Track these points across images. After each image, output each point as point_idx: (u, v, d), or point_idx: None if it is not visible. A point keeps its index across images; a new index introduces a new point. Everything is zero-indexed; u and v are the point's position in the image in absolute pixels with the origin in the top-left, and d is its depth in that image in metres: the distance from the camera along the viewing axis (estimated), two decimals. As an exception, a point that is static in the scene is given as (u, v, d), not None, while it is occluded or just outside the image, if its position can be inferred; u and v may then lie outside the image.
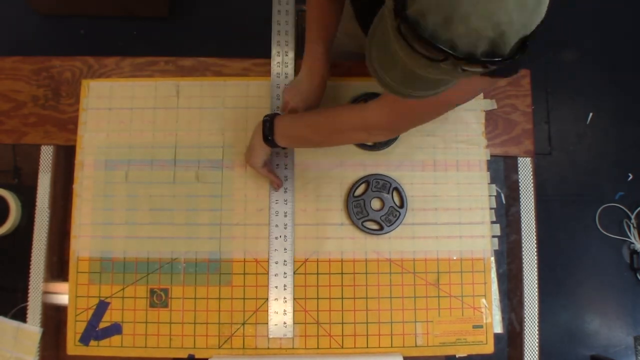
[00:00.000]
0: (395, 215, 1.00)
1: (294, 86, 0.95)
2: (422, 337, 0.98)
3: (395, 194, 1.01)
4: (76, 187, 1.02)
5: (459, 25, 0.46)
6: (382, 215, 1.00)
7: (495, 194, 1.04)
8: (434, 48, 0.47)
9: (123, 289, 0.99)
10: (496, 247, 1.01)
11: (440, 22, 0.46)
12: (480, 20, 0.45)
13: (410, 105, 0.73)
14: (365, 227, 1.00)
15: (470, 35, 0.46)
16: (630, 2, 2.03)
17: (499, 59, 0.48)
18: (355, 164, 1.03)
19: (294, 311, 0.98)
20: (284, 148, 0.96)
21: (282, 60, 1.04)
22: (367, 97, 1.03)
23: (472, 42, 0.47)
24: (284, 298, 0.98)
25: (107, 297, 0.98)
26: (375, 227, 1.00)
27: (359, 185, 1.01)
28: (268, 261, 0.99)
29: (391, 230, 0.99)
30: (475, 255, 1.01)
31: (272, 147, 0.92)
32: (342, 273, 1.00)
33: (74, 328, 0.97)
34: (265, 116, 0.91)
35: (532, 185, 1.06)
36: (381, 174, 1.01)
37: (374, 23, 0.58)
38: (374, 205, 1.01)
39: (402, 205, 1.01)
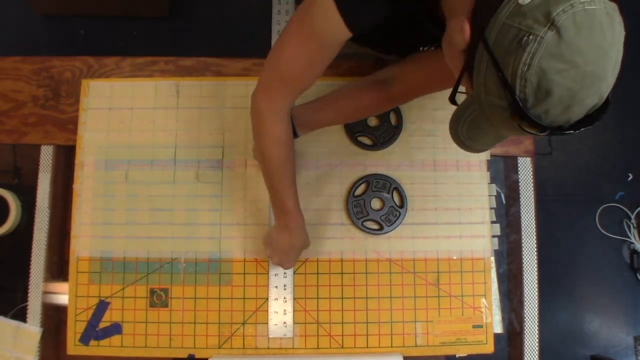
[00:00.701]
0: (395, 215, 1.00)
1: (279, 248, 0.90)
2: (422, 337, 0.98)
3: (395, 193, 1.01)
4: (76, 187, 1.02)
5: (575, 108, 0.48)
6: (382, 215, 1.00)
7: (495, 194, 1.04)
8: (549, 129, 0.49)
9: (123, 288, 0.98)
10: (496, 247, 1.01)
11: (560, 112, 0.48)
12: (592, 98, 0.48)
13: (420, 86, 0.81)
14: (365, 227, 1.00)
15: (582, 112, 0.49)
16: (630, 2, 2.03)
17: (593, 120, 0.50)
18: (356, 163, 1.03)
19: (294, 311, 0.98)
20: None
21: None
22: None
23: (582, 113, 0.49)
24: (284, 298, 0.98)
25: (107, 297, 0.98)
26: (375, 227, 1.00)
27: (359, 185, 1.01)
28: (268, 261, 0.99)
29: (391, 230, 0.99)
30: (475, 255, 1.01)
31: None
32: (342, 273, 1.00)
33: (74, 328, 0.97)
34: None
35: (532, 185, 1.05)
36: (381, 174, 1.01)
37: (463, 105, 0.58)
38: (374, 205, 1.01)
39: (402, 205, 1.01)
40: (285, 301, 0.98)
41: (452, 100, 0.59)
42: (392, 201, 1.01)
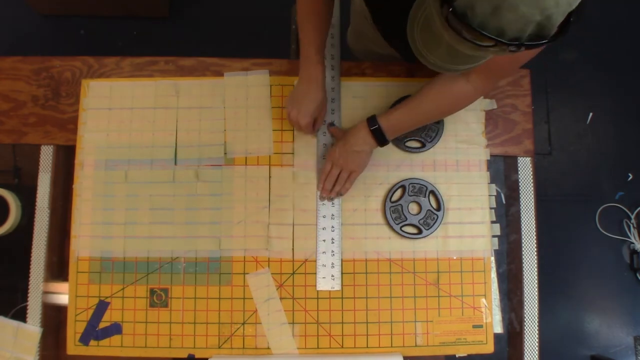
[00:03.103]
0: (433, 218, 1.00)
1: (295, 99, 0.95)
2: (422, 337, 0.98)
3: (431, 197, 1.01)
4: (76, 187, 1.02)
5: (507, 13, 0.47)
6: (421, 219, 1.00)
7: (495, 193, 1.04)
8: (482, 36, 0.49)
9: (123, 288, 0.99)
10: (496, 247, 1.01)
11: (489, 12, 0.47)
12: (528, 7, 0.46)
13: (501, 67, 0.81)
14: (404, 231, 1.00)
15: (518, 22, 0.47)
16: (630, 2, 2.03)
17: (545, 40, 0.49)
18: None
19: (342, 263, 0.99)
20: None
21: None
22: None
23: (520, 27, 0.48)
24: (332, 251, 0.99)
25: (107, 297, 0.98)
26: (414, 231, 1.01)
27: (395, 190, 1.01)
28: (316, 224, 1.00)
29: (430, 233, 1.00)
30: (475, 255, 1.01)
31: (383, 145, 0.94)
32: (342, 273, 1.00)
33: (74, 328, 0.97)
34: (369, 121, 0.92)
35: (532, 185, 1.05)
36: (417, 178, 1.01)
37: (415, 5, 0.59)
38: (412, 209, 1.01)
39: (439, 208, 1.01)
40: (333, 254, 0.98)
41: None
42: (429, 205, 1.01)
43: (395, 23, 0.82)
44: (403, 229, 1.00)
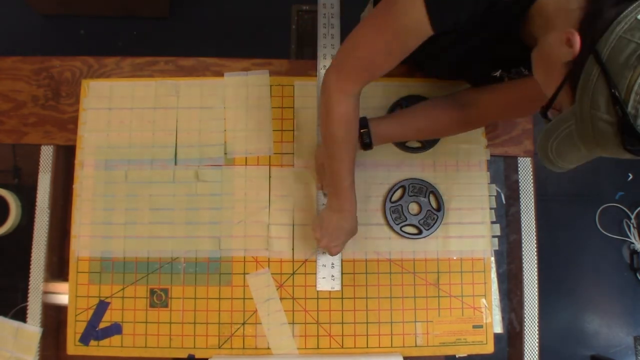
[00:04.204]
0: (434, 218, 1.00)
1: (327, 228, 0.89)
2: (422, 337, 0.98)
3: (431, 197, 1.01)
4: (76, 187, 1.02)
5: None
6: (421, 219, 1.00)
7: (495, 194, 1.04)
8: None
9: (123, 289, 0.99)
10: (496, 247, 1.01)
11: None
12: None
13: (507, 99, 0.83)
14: (404, 232, 1.00)
15: None
16: (630, 2, 2.03)
17: None
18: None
19: (341, 263, 0.99)
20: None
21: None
22: (404, 101, 1.03)
23: None
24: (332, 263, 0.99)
25: (107, 297, 0.98)
26: (414, 231, 1.01)
27: (395, 191, 1.01)
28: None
29: (430, 234, 1.00)
30: (475, 255, 1.01)
31: (366, 149, 0.93)
32: (342, 273, 1.00)
33: (74, 328, 0.97)
34: (360, 120, 0.89)
35: (532, 185, 1.05)
36: (417, 178, 1.02)
37: (557, 120, 0.57)
38: (412, 209, 1.01)
39: (439, 209, 1.01)
40: (333, 266, 0.98)
41: (544, 114, 0.59)
42: (429, 205, 1.01)
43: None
44: (403, 229, 1.00)
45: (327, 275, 0.99)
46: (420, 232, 1.00)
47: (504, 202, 1.05)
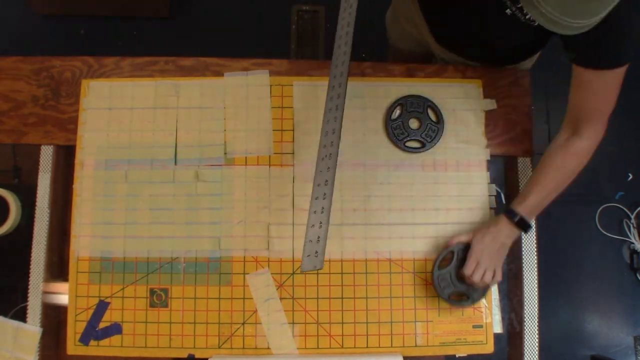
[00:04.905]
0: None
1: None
2: (422, 337, 0.98)
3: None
4: (76, 187, 1.02)
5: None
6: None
7: (495, 194, 1.04)
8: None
9: (123, 288, 0.99)
10: (496, 247, 1.01)
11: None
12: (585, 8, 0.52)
13: (597, 106, 0.85)
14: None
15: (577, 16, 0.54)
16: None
17: None
18: (357, 164, 1.02)
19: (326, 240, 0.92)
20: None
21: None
22: (405, 101, 1.04)
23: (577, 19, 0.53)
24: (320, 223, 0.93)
25: (107, 297, 0.98)
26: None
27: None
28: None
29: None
30: (475, 255, 1.01)
31: (527, 232, 0.94)
32: (342, 273, 1.00)
33: (74, 328, 0.97)
34: (508, 214, 0.91)
35: (532, 185, 1.05)
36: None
37: None
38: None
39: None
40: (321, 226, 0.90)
41: None
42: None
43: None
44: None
45: (312, 252, 0.94)
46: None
47: (504, 202, 1.05)
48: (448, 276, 0.97)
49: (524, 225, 0.91)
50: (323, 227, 0.88)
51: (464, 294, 0.97)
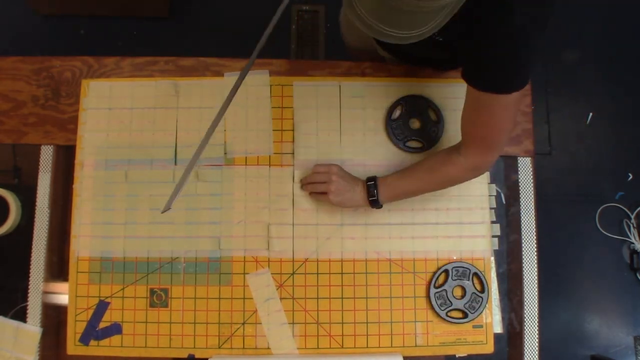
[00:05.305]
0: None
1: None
2: (422, 337, 0.98)
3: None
4: (76, 187, 1.02)
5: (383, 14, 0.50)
6: (466, 303, 0.98)
7: (495, 194, 1.04)
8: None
9: (123, 288, 0.99)
10: (496, 247, 1.01)
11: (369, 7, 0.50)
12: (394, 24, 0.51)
13: (489, 118, 0.77)
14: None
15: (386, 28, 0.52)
16: (630, 2, 2.03)
17: None
18: (357, 164, 1.03)
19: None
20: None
21: None
22: (405, 101, 1.04)
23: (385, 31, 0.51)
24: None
25: (107, 297, 0.98)
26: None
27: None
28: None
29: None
30: (475, 255, 1.01)
31: (373, 206, 0.94)
32: (342, 273, 1.00)
33: (74, 328, 0.97)
34: (369, 180, 0.93)
35: (532, 185, 1.05)
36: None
37: None
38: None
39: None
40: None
41: None
42: (473, 287, 0.99)
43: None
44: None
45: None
46: (466, 316, 0.98)
47: (504, 202, 1.05)
48: (444, 294, 0.98)
49: (374, 197, 0.91)
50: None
51: (461, 311, 0.98)
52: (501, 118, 0.76)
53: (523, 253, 1.03)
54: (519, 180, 1.06)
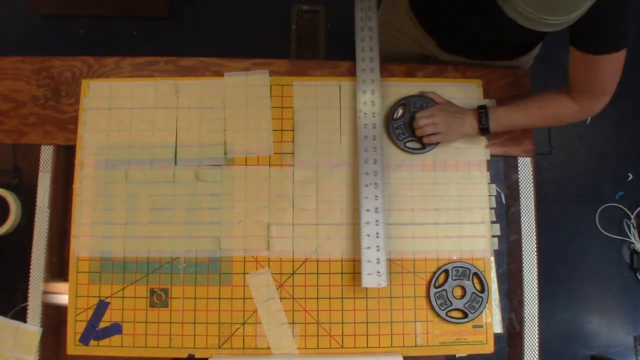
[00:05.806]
0: (478, 301, 0.98)
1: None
2: (422, 337, 0.98)
3: (475, 279, 1.00)
4: (76, 187, 1.02)
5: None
6: (466, 303, 0.98)
7: (495, 194, 1.04)
8: None
9: (123, 288, 0.99)
10: (496, 247, 1.01)
11: None
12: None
13: (601, 83, 0.86)
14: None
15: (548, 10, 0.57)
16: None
17: None
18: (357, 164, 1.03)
19: (387, 260, 0.95)
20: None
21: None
22: (408, 101, 1.04)
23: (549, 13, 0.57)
24: (377, 246, 0.95)
25: (107, 297, 0.98)
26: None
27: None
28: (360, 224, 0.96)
29: (476, 316, 0.98)
30: (475, 255, 1.01)
31: (483, 134, 0.99)
32: (342, 273, 1.00)
33: (74, 328, 0.97)
34: (480, 108, 0.98)
35: (532, 185, 1.05)
36: (460, 262, 1.00)
37: None
38: (456, 293, 0.99)
39: (483, 290, 0.99)
40: (378, 249, 0.95)
41: None
42: (473, 288, 0.99)
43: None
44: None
45: (373, 271, 0.94)
46: (466, 316, 0.98)
47: (504, 202, 1.05)
48: (444, 293, 0.98)
49: (484, 120, 0.96)
50: (381, 251, 0.95)
51: (461, 311, 0.98)
52: (613, 73, 0.84)
53: (523, 253, 1.03)
54: (519, 180, 1.06)
